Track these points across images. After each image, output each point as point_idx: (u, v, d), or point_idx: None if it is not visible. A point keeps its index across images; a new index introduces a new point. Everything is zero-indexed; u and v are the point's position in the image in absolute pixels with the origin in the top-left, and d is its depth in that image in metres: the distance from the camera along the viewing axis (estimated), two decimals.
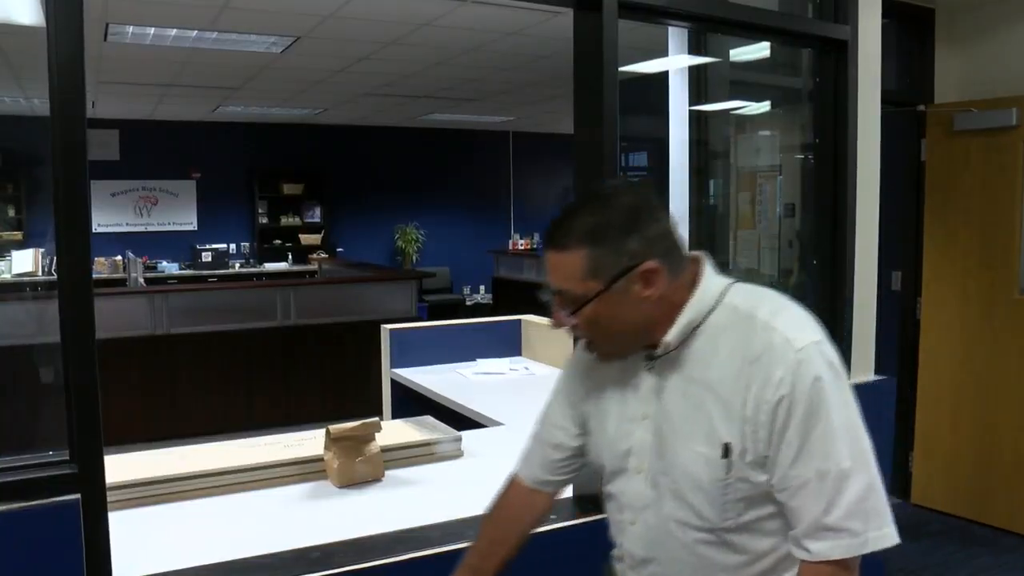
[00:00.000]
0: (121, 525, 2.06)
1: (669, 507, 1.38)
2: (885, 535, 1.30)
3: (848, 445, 1.28)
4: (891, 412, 3.11)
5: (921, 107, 4.54)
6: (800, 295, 3.63)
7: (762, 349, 1.30)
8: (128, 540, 2.01)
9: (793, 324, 1.33)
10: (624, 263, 1.30)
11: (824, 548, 1.28)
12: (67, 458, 1.72)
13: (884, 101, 3.01)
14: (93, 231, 11.26)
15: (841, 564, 1.29)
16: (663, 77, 3.85)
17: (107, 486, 1.77)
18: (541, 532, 2.17)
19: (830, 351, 1.32)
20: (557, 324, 1.39)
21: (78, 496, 1.70)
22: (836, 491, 1.27)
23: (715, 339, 1.35)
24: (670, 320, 1.35)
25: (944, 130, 4.43)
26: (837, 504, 1.27)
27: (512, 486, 1.66)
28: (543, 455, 1.61)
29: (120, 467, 2.41)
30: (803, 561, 1.32)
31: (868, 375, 2.98)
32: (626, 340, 1.39)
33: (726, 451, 1.30)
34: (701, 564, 1.39)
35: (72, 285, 1.70)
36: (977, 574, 3.83)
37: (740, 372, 1.30)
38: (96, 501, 1.73)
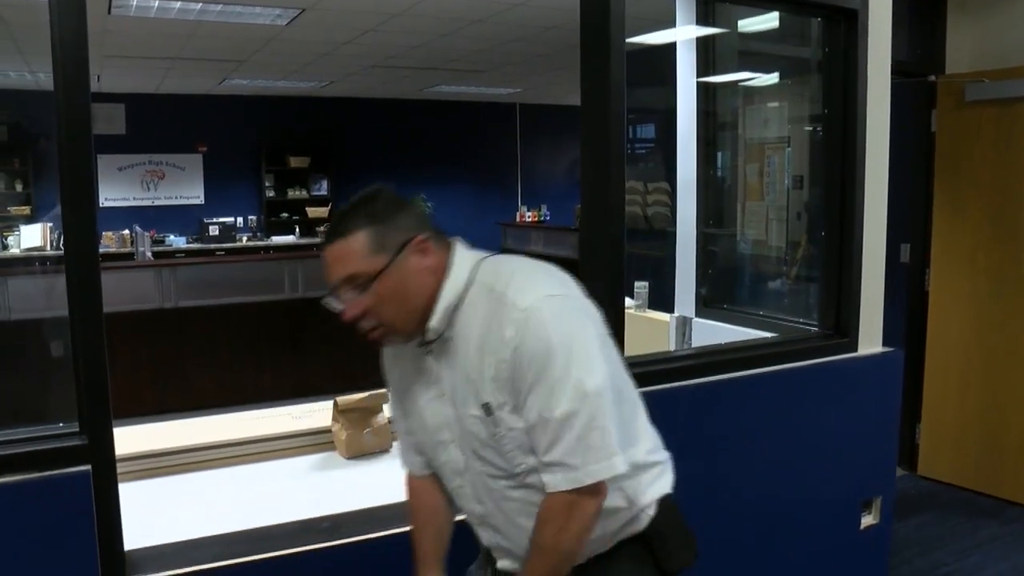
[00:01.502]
0: (132, 496, 2.08)
1: (476, 465, 1.56)
2: (605, 467, 1.44)
3: (571, 390, 1.41)
4: (898, 384, 3.10)
5: (932, 77, 4.49)
6: (808, 267, 3.62)
7: (495, 314, 1.46)
8: (139, 511, 2.03)
9: (521, 288, 1.46)
10: (402, 236, 1.48)
11: (553, 480, 1.45)
12: (77, 430, 1.74)
13: (894, 71, 2.98)
14: (100, 206, 11.24)
15: (573, 494, 1.44)
16: (671, 48, 3.82)
17: (117, 458, 1.79)
18: None
19: (560, 303, 1.46)
20: (349, 316, 1.51)
21: (88, 467, 1.71)
22: (556, 432, 1.42)
23: (470, 316, 1.50)
24: (433, 307, 1.50)
25: (955, 101, 4.38)
26: (558, 443, 1.42)
27: (411, 484, 1.77)
28: (408, 446, 1.74)
29: (130, 439, 2.43)
30: (545, 495, 1.47)
31: (876, 347, 2.98)
32: (409, 317, 1.51)
33: (488, 410, 1.48)
34: (520, 507, 1.54)
35: (79, 259, 1.70)
36: (983, 545, 3.84)
37: (484, 340, 1.47)
38: (106, 472, 1.74)
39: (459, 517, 1.72)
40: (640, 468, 1.58)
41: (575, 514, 1.46)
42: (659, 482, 1.63)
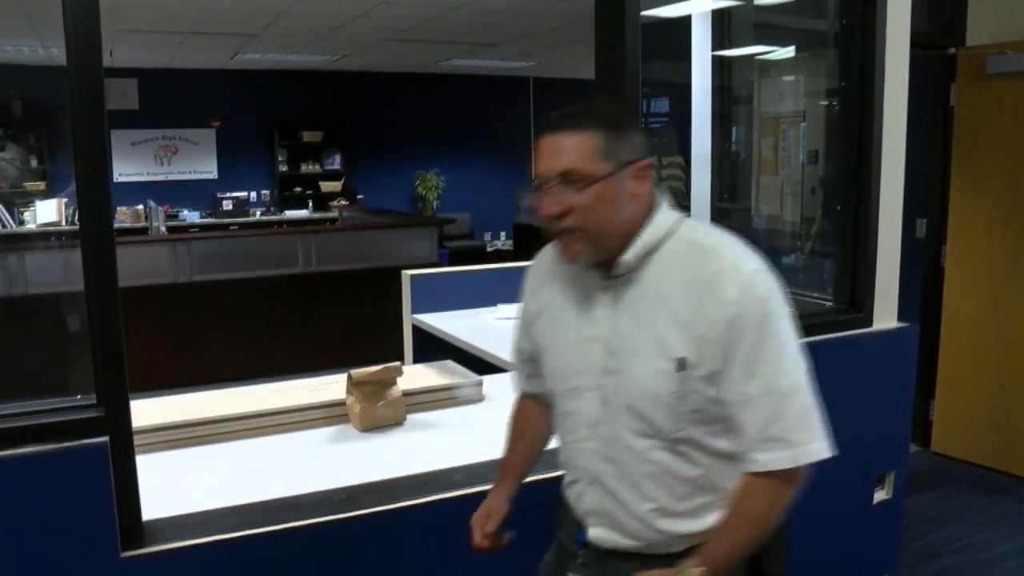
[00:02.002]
0: (149, 468, 2.10)
1: (623, 420, 1.47)
2: (822, 448, 1.40)
3: (793, 363, 1.40)
4: (913, 359, 3.09)
5: (952, 50, 4.43)
6: (823, 242, 3.60)
7: (713, 272, 1.39)
8: (156, 482, 2.05)
9: (740, 252, 1.43)
10: (631, 154, 1.42)
11: (770, 459, 1.39)
12: (94, 402, 1.76)
13: (913, 44, 2.94)
14: (114, 181, 11.28)
15: (785, 476, 1.39)
16: (686, 21, 3.78)
17: (134, 430, 1.81)
18: (560, 476, 2.20)
19: (773, 280, 1.42)
20: (549, 211, 1.43)
21: (106, 439, 1.73)
22: (782, 405, 1.37)
23: (668, 264, 1.44)
24: (630, 241, 1.44)
25: (975, 74, 4.32)
26: (783, 417, 1.37)
27: (520, 401, 1.81)
28: (523, 372, 1.76)
29: (147, 411, 2.45)
30: (748, 474, 1.42)
31: (891, 322, 2.96)
32: (610, 234, 1.43)
33: (681, 365, 1.40)
34: (654, 471, 1.47)
35: (94, 234, 1.71)
36: (997, 521, 3.84)
37: (692, 293, 1.40)
38: (123, 444, 1.76)
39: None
40: None
41: (783, 494, 1.41)
42: None
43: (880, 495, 3.01)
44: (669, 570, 1.44)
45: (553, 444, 1.72)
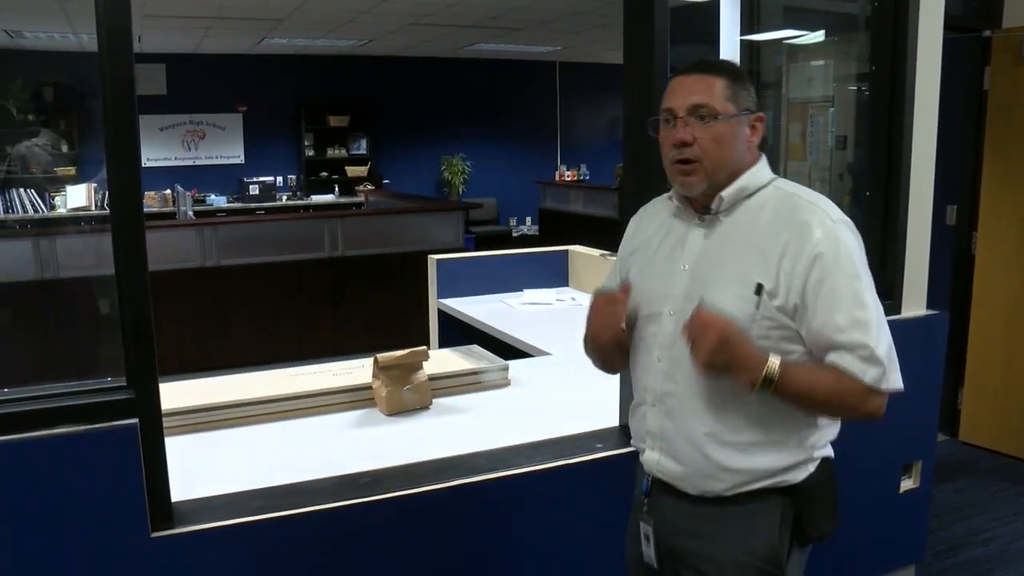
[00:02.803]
0: (179, 449, 2.13)
1: None
2: (899, 380, 1.55)
3: (875, 303, 1.53)
4: (942, 348, 3.05)
5: (987, 32, 4.35)
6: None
7: (804, 215, 1.54)
8: (185, 463, 2.08)
9: (830, 205, 1.58)
10: (750, 103, 1.61)
11: (862, 368, 1.50)
12: (124, 384, 1.78)
13: (946, 27, 2.89)
14: (143, 165, 11.47)
15: (866, 389, 1.52)
16: (715, 5, 3.74)
17: (164, 412, 1.83)
18: (587, 461, 2.21)
19: (857, 236, 1.57)
20: (682, 137, 1.58)
21: (136, 420, 1.76)
22: (875, 332, 1.51)
23: (760, 208, 1.59)
24: (732, 182, 1.60)
25: (1012, 57, 4.24)
26: (878, 343, 1.51)
27: None
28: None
29: (176, 394, 2.48)
30: (841, 368, 1.52)
31: (920, 310, 2.93)
32: (723, 167, 1.59)
33: (758, 289, 1.53)
34: (715, 394, 1.58)
35: (124, 218, 1.73)
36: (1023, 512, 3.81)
37: (781, 231, 1.54)
38: (152, 425, 1.79)
39: None
40: (833, 422, 1.67)
41: (870, 407, 1.53)
42: (827, 448, 1.68)
43: (907, 484, 2.99)
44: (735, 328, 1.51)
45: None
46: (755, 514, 1.60)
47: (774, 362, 1.48)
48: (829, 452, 1.67)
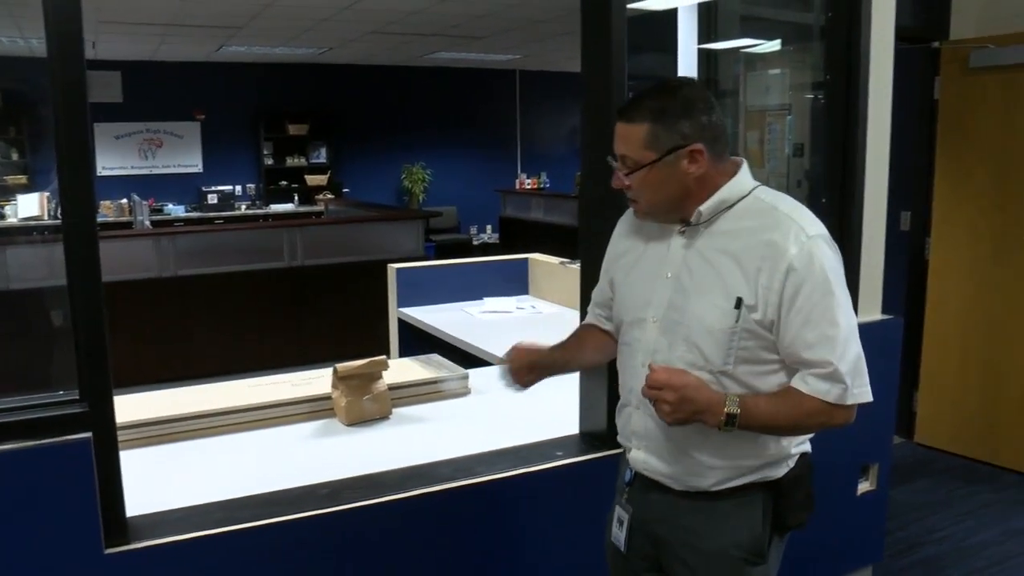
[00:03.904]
0: (134, 463, 2.09)
1: (680, 351, 1.63)
2: (866, 392, 1.59)
3: (846, 319, 1.55)
4: (897, 351, 3.11)
5: (936, 44, 4.45)
6: None
7: (779, 231, 1.56)
8: (141, 478, 2.05)
9: (807, 218, 1.60)
10: (676, 141, 1.57)
11: (823, 388, 1.55)
12: (77, 397, 1.74)
13: (898, 37, 2.94)
14: (97, 174, 11.15)
15: (829, 406, 1.56)
16: (672, 14, 3.78)
17: (119, 425, 1.80)
18: (548, 468, 2.21)
19: (834, 248, 1.60)
20: (615, 185, 1.68)
21: (89, 434, 1.72)
22: (840, 350, 1.54)
23: (740, 220, 1.61)
24: (706, 196, 1.62)
25: (959, 67, 4.34)
26: (842, 360, 1.53)
27: (582, 326, 2.01)
28: (593, 311, 1.95)
29: (132, 407, 2.44)
30: (803, 393, 1.57)
31: (875, 314, 2.98)
32: (664, 205, 1.65)
33: (738, 303, 1.56)
34: None
35: (76, 228, 1.70)
36: (978, 510, 3.87)
37: (758, 246, 1.56)
38: (107, 439, 1.75)
39: None
40: None
41: (830, 414, 1.57)
42: (805, 444, 1.74)
43: (864, 486, 3.03)
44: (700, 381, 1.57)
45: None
46: (739, 508, 1.67)
47: (732, 404, 1.54)
48: (807, 447, 1.74)
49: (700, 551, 1.68)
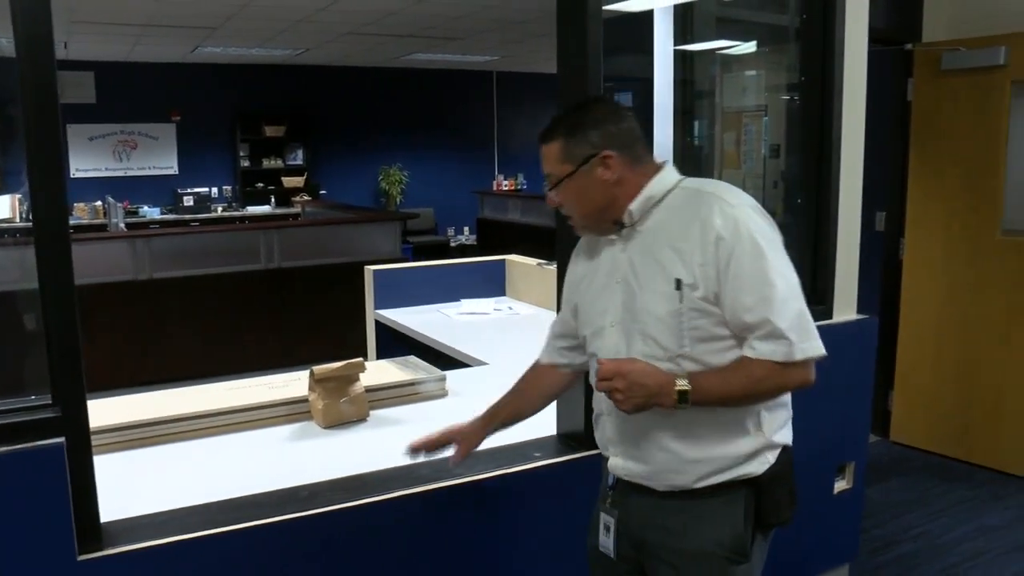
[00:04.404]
0: (109, 468, 2.07)
1: (638, 346, 1.66)
2: (815, 346, 1.59)
3: (782, 277, 1.58)
4: (873, 351, 3.13)
5: (909, 46, 4.49)
6: (785, 235, 3.63)
7: (704, 208, 1.62)
8: (116, 482, 2.02)
9: (731, 191, 1.65)
10: (588, 150, 1.67)
11: (767, 350, 1.57)
12: (50, 402, 1.72)
13: (871, 39, 2.97)
14: (71, 176, 11.01)
15: (783, 366, 1.57)
16: (648, 16, 3.79)
17: (93, 429, 1.78)
18: (527, 469, 2.21)
19: (762, 214, 1.64)
20: (549, 203, 1.78)
21: (62, 440, 1.70)
22: (779, 307, 1.56)
23: (670, 211, 1.68)
24: (633, 198, 1.68)
25: (932, 69, 4.39)
26: (781, 318, 1.55)
27: (535, 367, 2.01)
28: (554, 342, 1.96)
29: (107, 411, 2.41)
30: (751, 358, 1.59)
31: (850, 314, 3.00)
32: (594, 215, 1.72)
33: (678, 284, 1.61)
34: None
35: (48, 230, 1.67)
36: (952, 507, 3.91)
37: (688, 225, 1.62)
38: (80, 444, 1.73)
39: None
40: (780, 404, 1.72)
41: (782, 376, 1.59)
42: (786, 429, 1.74)
43: (841, 485, 3.05)
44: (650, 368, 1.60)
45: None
46: (721, 507, 1.67)
47: (682, 381, 1.57)
48: (787, 438, 1.74)
49: (683, 551, 1.68)
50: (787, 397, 1.74)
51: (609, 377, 1.57)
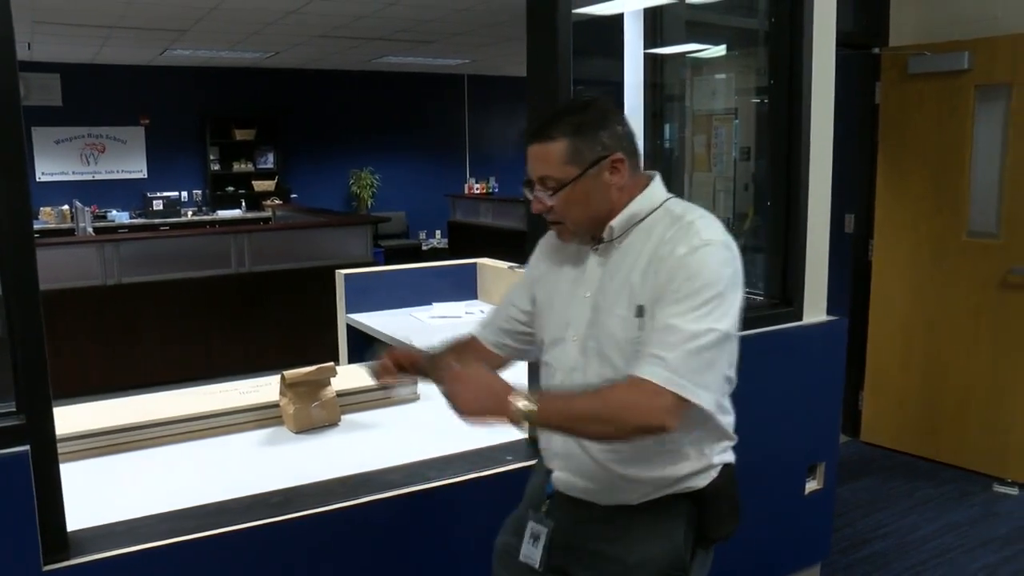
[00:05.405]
0: (76, 476, 2.04)
1: (594, 367, 1.62)
2: (699, 392, 1.47)
3: (708, 319, 1.47)
4: (842, 352, 3.16)
5: (876, 50, 4.55)
6: (755, 237, 3.66)
7: (677, 235, 1.55)
8: (84, 491, 2.00)
9: (709, 227, 1.57)
10: (598, 152, 1.57)
11: (649, 371, 1.47)
12: (14, 410, 1.69)
13: (839, 43, 3.00)
14: (37, 180, 10.81)
15: (654, 392, 1.46)
16: (618, 19, 3.81)
17: (60, 437, 1.75)
18: (499, 472, 2.21)
19: (732, 256, 1.56)
20: (536, 210, 1.65)
21: (27, 447, 1.67)
22: (677, 342, 1.46)
23: (649, 233, 1.60)
24: (620, 211, 1.61)
25: (899, 73, 4.45)
26: (674, 349, 1.46)
27: (471, 340, 1.95)
28: (498, 324, 1.90)
29: (74, 418, 2.38)
30: (629, 376, 1.50)
31: (820, 315, 3.03)
32: (591, 223, 1.63)
33: (639, 311, 1.55)
34: None
35: (12, 235, 1.64)
36: (918, 505, 3.96)
37: (657, 251, 1.56)
38: (46, 452, 1.70)
39: None
40: (719, 432, 1.66)
41: (646, 407, 1.46)
42: (727, 453, 1.70)
43: (812, 485, 3.08)
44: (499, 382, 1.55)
45: None
46: (661, 520, 1.64)
47: (519, 395, 1.50)
48: (730, 458, 1.71)
49: (619, 560, 1.64)
50: (729, 425, 1.68)
51: (447, 382, 1.56)
